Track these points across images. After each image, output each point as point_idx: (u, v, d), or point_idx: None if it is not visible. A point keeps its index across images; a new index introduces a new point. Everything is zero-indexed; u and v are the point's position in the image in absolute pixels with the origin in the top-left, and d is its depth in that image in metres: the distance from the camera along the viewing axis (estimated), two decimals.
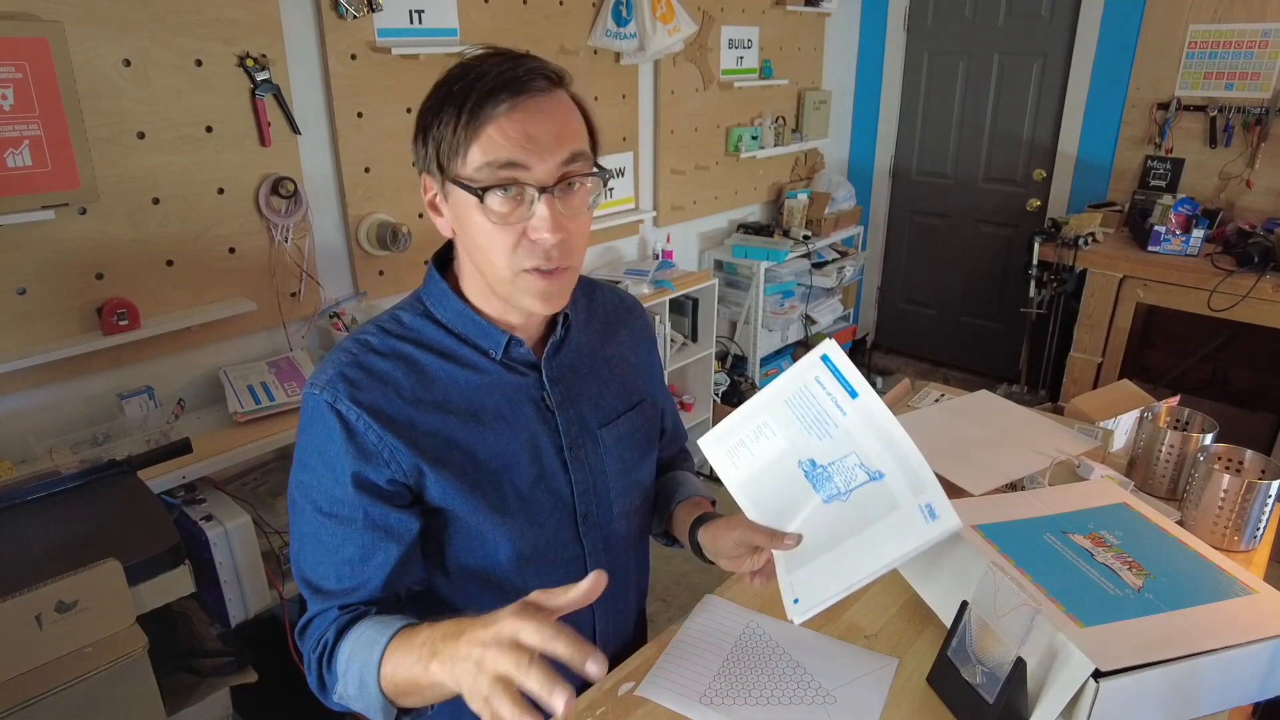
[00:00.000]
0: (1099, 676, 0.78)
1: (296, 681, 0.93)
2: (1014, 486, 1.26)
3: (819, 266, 3.61)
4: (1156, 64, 3.24)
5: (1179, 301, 2.92)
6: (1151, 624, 0.86)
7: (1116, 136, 3.40)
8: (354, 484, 0.85)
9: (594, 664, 0.61)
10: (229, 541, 1.66)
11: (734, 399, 3.45)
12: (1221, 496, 1.16)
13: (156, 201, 1.79)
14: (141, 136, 1.74)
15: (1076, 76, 3.45)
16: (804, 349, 3.89)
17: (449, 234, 0.90)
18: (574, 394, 0.98)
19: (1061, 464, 1.30)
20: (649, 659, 0.97)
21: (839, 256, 3.73)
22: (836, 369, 0.86)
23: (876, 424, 0.83)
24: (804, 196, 3.57)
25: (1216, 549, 1.04)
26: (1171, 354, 3.49)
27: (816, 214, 3.56)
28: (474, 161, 0.81)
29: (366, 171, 2.17)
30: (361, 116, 2.12)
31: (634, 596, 1.14)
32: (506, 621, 0.64)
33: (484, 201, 0.81)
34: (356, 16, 2.04)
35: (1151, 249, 2.99)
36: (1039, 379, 3.54)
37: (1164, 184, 3.30)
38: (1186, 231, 2.94)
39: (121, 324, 1.74)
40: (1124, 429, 1.48)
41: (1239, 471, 1.23)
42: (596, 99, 2.80)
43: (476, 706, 0.64)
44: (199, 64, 1.80)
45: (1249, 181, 3.14)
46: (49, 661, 1.08)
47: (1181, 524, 1.17)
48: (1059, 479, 1.27)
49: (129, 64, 1.69)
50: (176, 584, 1.28)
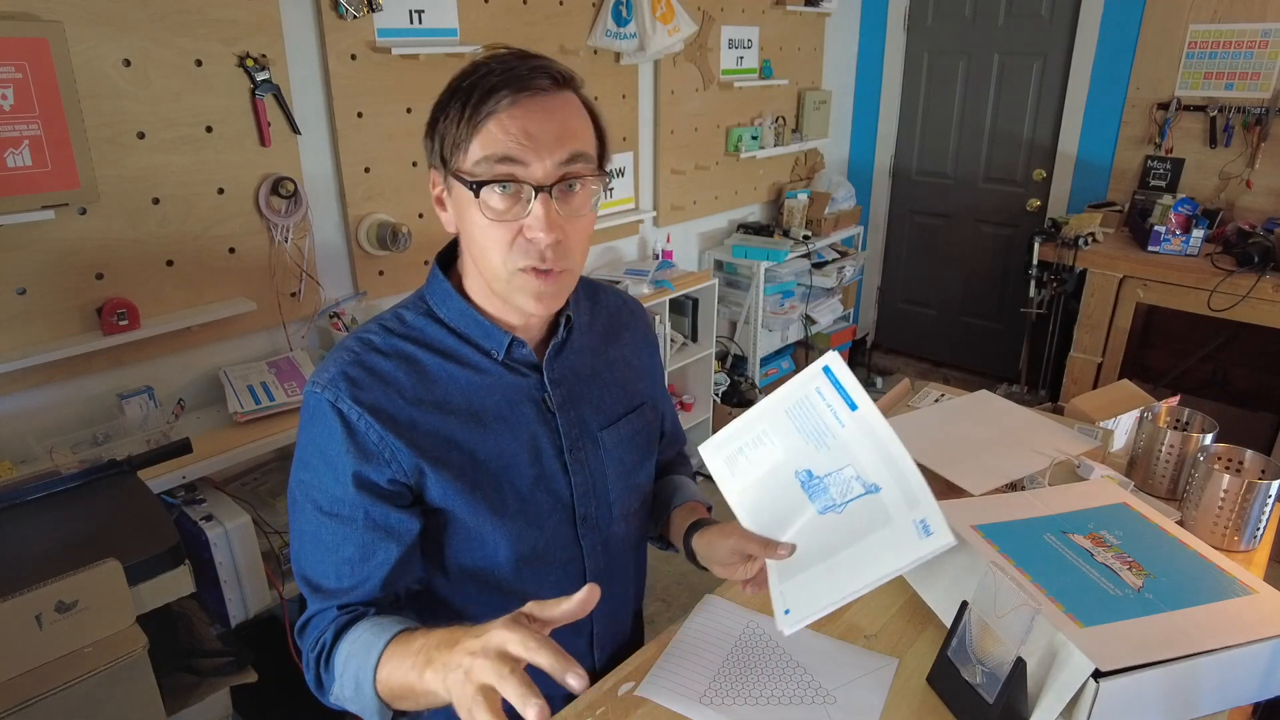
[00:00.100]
0: (1099, 676, 0.78)
1: (296, 681, 0.93)
2: (1014, 486, 1.26)
3: (819, 266, 3.61)
4: (1156, 64, 3.23)
5: (1179, 301, 2.92)
6: (1151, 624, 0.86)
7: (1116, 136, 3.40)
8: (355, 483, 0.85)
9: (574, 678, 0.61)
10: (229, 541, 1.66)
11: (734, 399, 3.44)
12: (1221, 496, 1.16)
13: (156, 201, 1.79)
14: (141, 136, 1.74)
15: (1076, 76, 3.45)
16: (804, 349, 3.89)
17: (453, 230, 0.91)
18: (575, 396, 0.98)
19: (1061, 464, 1.30)
20: (649, 659, 0.97)
21: (839, 256, 3.73)
22: (838, 381, 0.85)
23: (875, 437, 0.83)
24: (804, 196, 3.57)
25: (1216, 549, 1.04)
26: (1171, 354, 3.49)
27: (816, 214, 3.56)
28: (473, 156, 0.81)
29: (366, 171, 2.17)
30: (361, 116, 2.12)
31: (631, 598, 1.14)
32: (495, 632, 0.65)
33: (479, 196, 0.81)
34: (356, 16, 2.04)
35: (1151, 249, 2.99)
36: (1039, 379, 3.54)
37: (1164, 184, 3.30)
38: (1186, 231, 2.93)
39: (121, 324, 1.74)
40: (1124, 429, 1.48)
41: (1239, 471, 1.23)
42: (597, 99, 2.77)
43: (464, 716, 0.64)
44: (199, 64, 1.80)
45: (1249, 181, 3.14)
46: (49, 661, 1.08)
47: (1181, 524, 1.17)
48: (1059, 479, 1.27)
49: (129, 64, 1.69)
50: (176, 584, 1.28)
